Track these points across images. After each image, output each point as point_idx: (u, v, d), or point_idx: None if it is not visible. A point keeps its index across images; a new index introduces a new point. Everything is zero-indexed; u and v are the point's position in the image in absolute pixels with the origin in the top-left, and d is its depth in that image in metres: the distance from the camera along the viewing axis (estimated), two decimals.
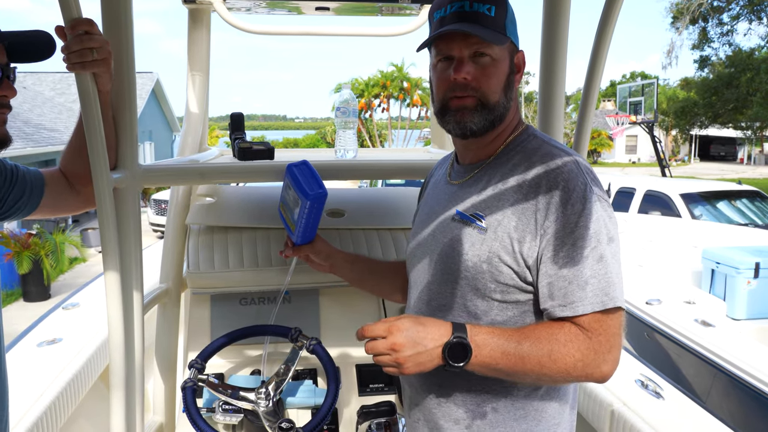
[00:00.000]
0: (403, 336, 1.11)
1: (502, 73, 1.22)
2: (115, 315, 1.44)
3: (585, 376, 1.12)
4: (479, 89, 1.21)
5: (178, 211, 2.16)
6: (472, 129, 1.23)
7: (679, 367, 3.66)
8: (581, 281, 1.11)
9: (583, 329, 1.12)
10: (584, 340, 1.11)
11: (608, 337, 1.11)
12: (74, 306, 2.83)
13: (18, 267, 8.51)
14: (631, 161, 40.15)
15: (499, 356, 1.11)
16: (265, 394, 1.68)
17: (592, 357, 1.10)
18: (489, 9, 1.19)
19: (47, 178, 1.48)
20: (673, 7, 19.51)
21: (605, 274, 1.12)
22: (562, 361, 1.10)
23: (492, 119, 1.23)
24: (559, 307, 1.13)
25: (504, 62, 1.23)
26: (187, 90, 2.23)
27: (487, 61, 1.20)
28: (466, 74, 1.20)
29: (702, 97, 24.21)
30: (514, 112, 1.29)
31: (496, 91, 1.22)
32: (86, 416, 2.28)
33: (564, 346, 1.10)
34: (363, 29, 2.43)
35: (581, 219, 1.12)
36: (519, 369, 1.11)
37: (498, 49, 1.21)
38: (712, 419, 2.00)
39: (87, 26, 1.26)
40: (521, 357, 1.10)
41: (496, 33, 1.20)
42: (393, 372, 1.15)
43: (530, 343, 1.11)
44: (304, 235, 1.59)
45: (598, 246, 1.12)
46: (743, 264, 4.56)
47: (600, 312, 1.11)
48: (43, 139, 13.97)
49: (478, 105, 1.22)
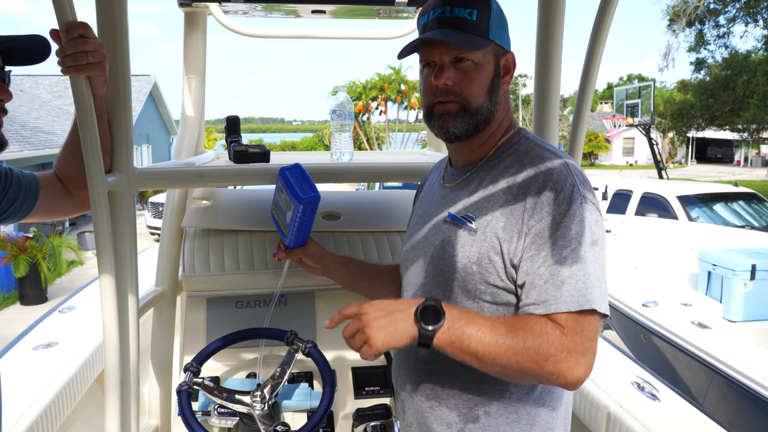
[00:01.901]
0: (371, 307, 1.14)
1: (485, 77, 1.23)
2: (110, 319, 1.44)
3: (556, 375, 1.07)
4: (461, 94, 1.22)
5: (174, 214, 2.15)
6: (455, 133, 1.25)
7: (675, 369, 3.66)
8: (557, 281, 1.10)
9: (558, 326, 1.09)
10: (559, 336, 1.07)
11: (583, 340, 1.08)
12: (70, 309, 2.82)
13: (15, 270, 8.51)
14: (628, 163, 40.22)
15: (472, 335, 1.08)
16: (260, 397, 1.68)
17: (565, 355, 1.06)
18: (470, 13, 1.20)
19: (42, 182, 1.47)
20: (669, 10, 19.56)
21: (584, 275, 1.10)
22: (535, 351, 1.06)
23: (476, 123, 1.24)
24: (533, 305, 1.12)
25: (487, 66, 1.23)
26: (184, 93, 2.23)
27: (469, 65, 1.21)
28: (446, 80, 1.22)
29: (699, 99, 24.25)
30: (504, 115, 1.29)
31: (479, 95, 1.22)
32: (82, 420, 2.28)
33: (539, 337, 1.07)
34: (360, 32, 2.44)
35: (564, 219, 1.11)
36: (490, 352, 1.08)
37: (480, 53, 1.21)
38: (709, 421, 2.00)
39: (82, 30, 1.26)
40: (494, 341, 1.08)
41: (476, 38, 1.20)
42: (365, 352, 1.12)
43: (505, 329, 1.09)
44: (296, 239, 1.59)
45: (578, 247, 1.11)
46: (740, 266, 4.57)
47: (576, 312, 1.09)
48: (40, 142, 13.95)
49: (461, 110, 1.23)
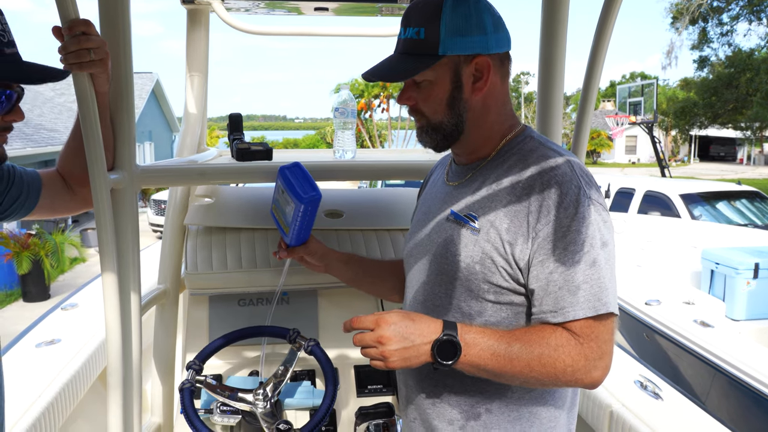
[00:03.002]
0: (391, 330, 1.11)
1: (442, 92, 1.21)
2: (113, 316, 1.44)
3: (574, 382, 1.11)
4: (422, 113, 1.25)
5: (177, 211, 2.15)
6: (431, 146, 1.29)
7: (678, 367, 3.66)
8: (573, 286, 1.10)
9: (574, 335, 1.10)
10: (575, 346, 1.09)
11: (599, 344, 1.10)
12: (73, 306, 2.83)
13: (17, 267, 8.52)
14: (631, 161, 40.17)
15: (489, 357, 1.10)
16: (263, 395, 1.68)
17: (583, 363, 1.09)
18: (417, 32, 1.19)
19: (44, 179, 1.47)
20: (672, 8, 19.51)
21: (598, 279, 1.10)
22: (552, 365, 1.09)
23: (443, 137, 1.26)
24: (550, 312, 1.12)
25: (442, 81, 1.21)
26: (186, 90, 2.22)
27: (425, 84, 1.22)
28: (406, 100, 1.26)
29: (701, 97, 24.20)
30: (495, 117, 1.26)
31: (437, 111, 1.23)
32: (85, 417, 2.28)
33: (555, 350, 1.09)
34: (362, 29, 2.43)
35: (574, 223, 1.10)
36: (507, 370, 1.11)
37: (430, 71, 1.20)
38: (711, 420, 2.00)
39: (84, 27, 1.26)
40: (510, 359, 1.10)
41: (417, 60, 1.19)
42: (379, 366, 1.14)
43: (520, 345, 1.10)
44: (298, 237, 1.58)
45: (590, 251, 1.10)
46: (742, 264, 4.56)
47: (592, 318, 1.09)
48: (42, 139, 13.96)
49: (427, 127, 1.26)
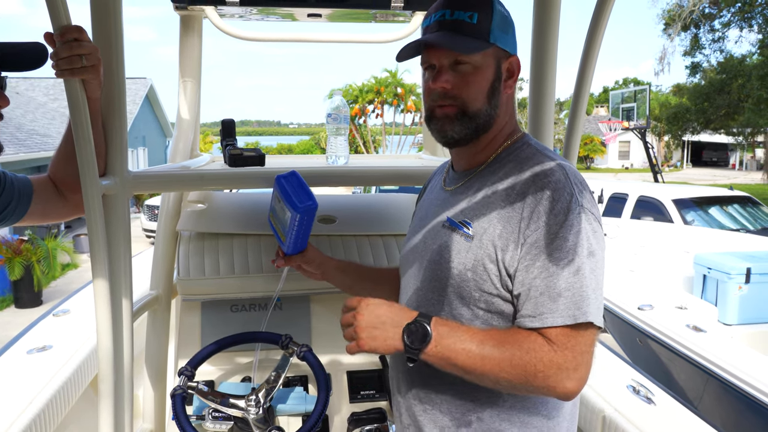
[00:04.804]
0: (368, 309, 1.17)
1: (485, 80, 1.21)
2: (104, 322, 1.44)
3: (547, 389, 1.09)
4: (459, 97, 1.21)
5: (169, 217, 2.15)
6: (453, 137, 1.24)
7: (670, 372, 3.67)
8: (554, 293, 1.09)
9: (549, 341, 1.08)
10: (548, 352, 1.07)
11: (575, 354, 1.07)
12: (65, 313, 2.81)
13: (9, 273, 8.46)
14: (624, 167, 40.32)
15: (460, 351, 1.10)
16: (255, 401, 1.67)
17: (554, 371, 1.07)
18: (470, 16, 1.19)
19: (36, 185, 1.47)
20: (665, 14, 19.63)
21: (580, 287, 1.08)
22: (522, 368, 1.08)
23: (475, 127, 1.22)
24: (529, 317, 1.11)
25: (487, 69, 1.21)
26: (179, 96, 2.22)
27: (468, 68, 1.20)
28: (444, 83, 1.21)
29: (694, 103, 24.31)
30: (506, 119, 1.27)
31: (478, 98, 1.21)
32: (76, 423, 2.27)
33: (527, 353, 1.08)
34: (356, 36, 2.43)
35: (562, 230, 1.10)
36: (478, 368, 1.10)
37: (478, 56, 1.19)
38: (704, 425, 2.00)
39: (76, 33, 1.26)
40: (482, 356, 1.10)
41: (474, 40, 1.19)
42: (352, 349, 1.18)
43: (493, 344, 1.10)
44: (295, 246, 1.58)
45: (576, 258, 1.09)
46: (735, 269, 4.59)
47: (570, 327, 1.08)
48: (35, 144, 13.91)
49: (459, 113, 1.21)
